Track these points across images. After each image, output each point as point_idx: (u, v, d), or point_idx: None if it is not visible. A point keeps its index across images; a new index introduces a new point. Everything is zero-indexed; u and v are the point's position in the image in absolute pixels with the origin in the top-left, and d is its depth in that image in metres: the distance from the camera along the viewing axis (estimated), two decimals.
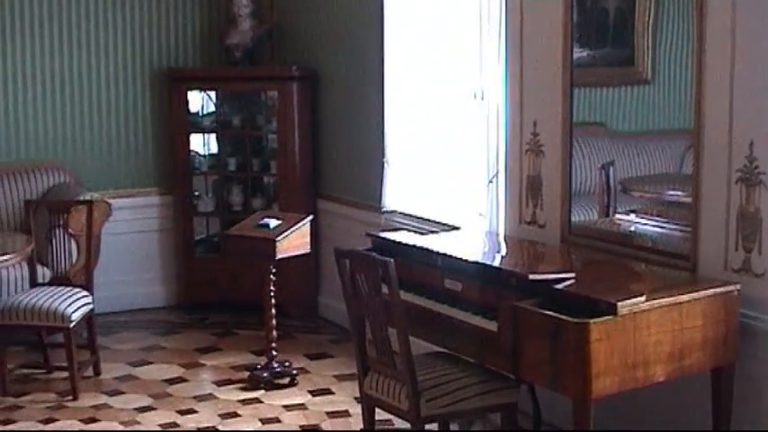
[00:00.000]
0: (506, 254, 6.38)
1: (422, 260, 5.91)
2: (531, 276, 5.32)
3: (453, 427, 6.17)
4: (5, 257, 6.97)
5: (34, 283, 7.67)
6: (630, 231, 6.07)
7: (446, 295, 5.66)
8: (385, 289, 5.27)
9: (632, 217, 6.11)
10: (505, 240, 6.60)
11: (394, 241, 6.23)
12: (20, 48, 8.80)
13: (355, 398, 6.83)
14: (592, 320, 4.82)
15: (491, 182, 6.88)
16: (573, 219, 6.26)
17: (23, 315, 7.15)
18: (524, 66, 6.45)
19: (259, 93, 9.19)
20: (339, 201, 8.65)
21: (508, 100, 6.60)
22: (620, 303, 4.88)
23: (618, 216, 6.21)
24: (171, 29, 9.27)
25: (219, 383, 7.48)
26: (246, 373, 7.50)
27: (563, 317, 4.87)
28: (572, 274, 5.31)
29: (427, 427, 5.48)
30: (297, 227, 7.28)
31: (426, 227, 7.41)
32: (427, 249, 5.96)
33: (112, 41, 9.08)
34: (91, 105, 9.06)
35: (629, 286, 5.35)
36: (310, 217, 7.51)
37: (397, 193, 7.95)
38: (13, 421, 6.83)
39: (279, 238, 7.13)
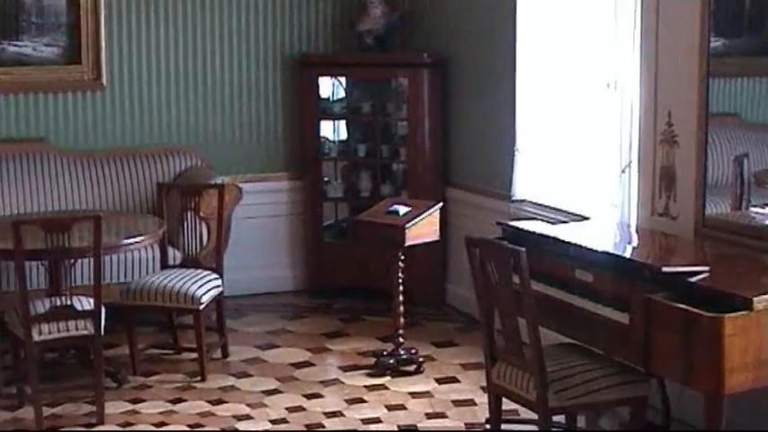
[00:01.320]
0: (638, 245, 6.29)
1: (553, 250, 5.85)
2: (665, 269, 5.23)
3: (580, 419, 6.09)
4: (138, 239, 7.08)
5: (165, 265, 7.79)
6: (766, 225, 5.93)
7: (577, 286, 5.60)
8: (515, 278, 5.24)
9: (767, 210, 5.98)
10: (637, 232, 6.50)
11: (525, 230, 6.18)
12: (154, 33, 8.93)
13: (481, 387, 6.80)
14: (727, 315, 4.73)
15: (623, 172, 6.78)
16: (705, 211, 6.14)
17: (154, 296, 7.25)
18: (659, 55, 6.33)
19: (389, 79, 9.17)
20: (468, 188, 8.60)
21: (642, 89, 6.49)
22: (755, 298, 4.79)
23: (753, 209, 6.07)
24: (303, 15, 9.31)
25: (346, 369, 7.50)
26: (373, 360, 7.51)
27: (697, 311, 4.78)
28: (706, 268, 5.21)
29: (554, 419, 5.44)
30: (426, 214, 7.26)
31: (556, 216, 7.33)
32: (558, 239, 5.90)
33: (245, 27, 9.15)
34: (223, 90, 9.14)
35: (765, 281, 5.23)
36: (440, 204, 7.48)
37: (527, 182, 7.88)
38: (142, 401, 6.94)
39: (408, 224, 7.12)
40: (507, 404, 5.77)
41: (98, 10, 8.70)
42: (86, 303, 6.66)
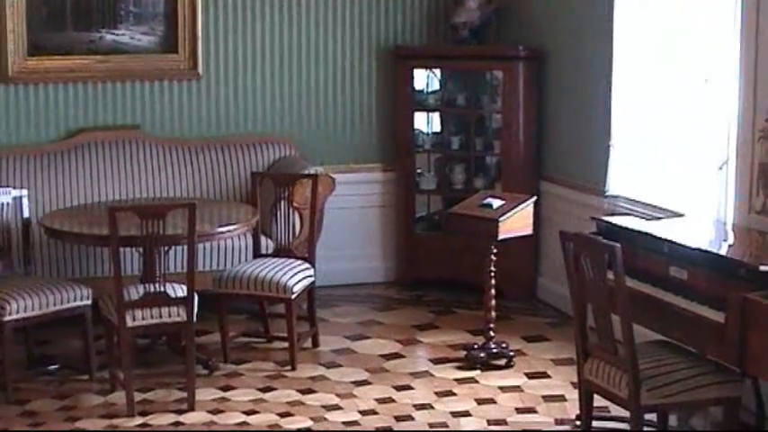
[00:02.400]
0: (734, 243, 6.20)
1: (647, 246, 5.79)
2: (762, 267, 5.15)
3: (672, 418, 6.03)
4: (231, 228, 7.12)
5: (258, 254, 7.83)
6: None
7: (671, 283, 5.54)
8: (610, 274, 5.19)
9: None
10: (733, 229, 6.40)
11: (619, 226, 6.12)
12: (250, 24, 8.98)
13: (572, 383, 6.77)
14: None
15: (720, 169, 6.68)
16: None
17: (246, 285, 7.30)
18: (759, 50, 6.22)
19: (484, 72, 9.14)
20: (562, 183, 8.53)
21: (741, 85, 6.37)
22: None
23: None
24: (399, 7, 9.30)
25: (436, 361, 7.48)
26: (463, 353, 7.48)
27: None
28: None
29: (646, 416, 5.39)
30: (519, 208, 7.22)
31: (650, 212, 7.24)
32: (653, 235, 5.83)
33: (341, 18, 9.17)
34: (318, 81, 9.17)
35: None
36: (533, 198, 7.43)
37: (622, 178, 7.80)
38: (233, 388, 6.98)
39: (501, 218, 7.09)
40: (598, 401, 5.73)
41: (195, 1, 8.77)
42: (180, 290, 6.72)
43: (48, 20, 8.61)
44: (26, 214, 7.44)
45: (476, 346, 7.44)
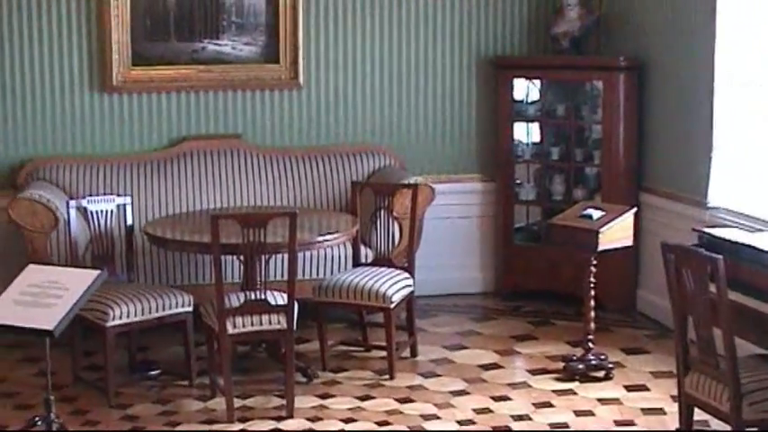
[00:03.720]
0: None
1: (750, 259, 5.70)
2: None
3: None
4: (331, 237, 7.15)
5: (357, 263, 7.87)
6: None
7: None
8: (712, 287, 5.13)
9: None
10: None
11: (721, 238, 6.03)
12: (351, 34, 9.03)
13: (671, 396, 6.70)
14: None
15: None
16: None
17: (346, 293, 7.33)
18: None
19: (584, 82, 9.08)
20: (662, 194, 8.44)
21: None
22: None
23: None
24: (499, 17, 9.29)
25: (534, 372, 7.45)
26: (561, 364, 7.44)
27: None
28: None
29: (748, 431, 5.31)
30: (620, 219, 7.17)
31: (753, 225, 7.15)
32: (756, 248, 5.74)
33: (441, 28, 9.19)
34: (417, 90, 9.20)
35: None
36: (634, 209, 7.37)
37: (724, 189, 7.70)
38: (331, 396, 7.02)
39: (602, 229, 7.04)
40: (698, 415, 5.68)
41: (296, 10, 8.85)
42: (280, 298, 6.78)
43: (151, 30, 8.75)
44: (129, 222, 7.55)
45: (574, 358, 7.39)
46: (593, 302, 7.28)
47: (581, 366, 7.30)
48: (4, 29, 8.54)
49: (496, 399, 6.97)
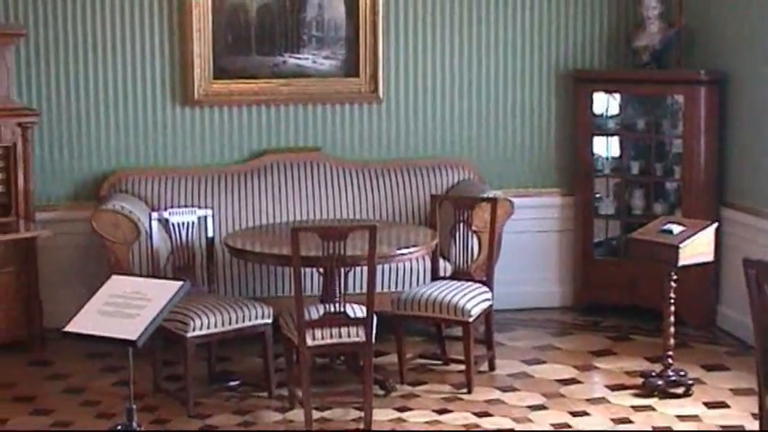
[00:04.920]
0: None
1: None
2: None
3: None
4: (411, 250, 7.16)
5: (436, 277, 7.88)
6: None
7: None
8: None
9: None
10: None
11: None
12: (431, 48, 9.07)
13: (752, 414, 6.63)
14: None
15: None
16: None
17: (424, 307, 7.34)
18: None
19: (665, 96, 9.02)
20: (744, 209, 8.36)
21: None
22: None
23: None
24: (578, 30, 9.27)
25: (612, 388, 7.41)
26: (640, 380, 7.39)
27: None
28: None
29: None
30: (700, 234, 7.11)
31: None
32: None
33: (520, 41, 9.19)
34: (497, 104, 9.20)
35: None
36: (715, 224, 7.31)
37: None
38: (409, 409, 7.02)
39: (682, 244, 6.99)
40: None
41: (377, 25, 8.90)
42: (359, 311, 6.80)
43: (233, 44, 8.84)
44: (210, 233, 7.63)
45: (653, 374, 7.34)
46: (672, 318, 7.23)
47: (660, 382, 7.25)
48: (89, 43, 8.67)
49: (575, 414, 6.94)
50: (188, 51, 8.72)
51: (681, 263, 7.03)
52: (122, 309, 5.39)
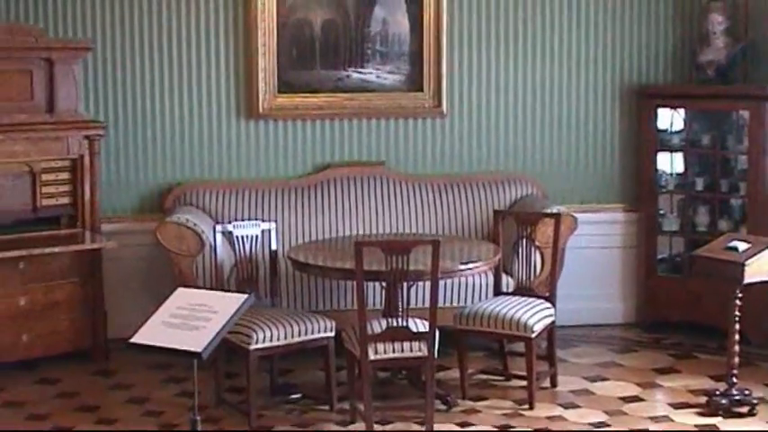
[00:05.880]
0: None
1: None
2: None
3: None
4: (473, 265, 7.14)
5: (498, 292, 7.87)
6: None
7: None
8: None
9: None
10: None
11: None
12: (494, 63, 9.07)
13: None
14: None
15: None
16: None
17: (487, 322, 7.32)
18: None
19: (730, 112, 8.96)
20: None
21: None
22: None
23: None
24: (642, 45, 9.23)
25: (676, 406, 7.35)
26: (704, 398, 7.33)
27: None
28: None
29: None
30: (767, 251, 7.05)
31: None
32: None
33: (584, 56, 9.17)
34: (560, 119, 9.18)
35: None
36: None
37: None
38: (470, 424, 7.01)
39: (748, 261, 6.93)
40: None
41: (440, 39, 8.92)
42: (421, 326, 6.80)
43: (297, 59, 8.89)
44: (274, 247, 7.66)
45: (717, 392, 7.27)
46: (737, 336, 7.17)
47: (724, 401, 7.18)
48: (155, 56, 8.76)
49: None
50: (253, 65, 8.78)
51: (746, 280, 6.97)
52: (188, 321, 5.44)
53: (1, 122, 7.95)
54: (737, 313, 7.11)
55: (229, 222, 7.82)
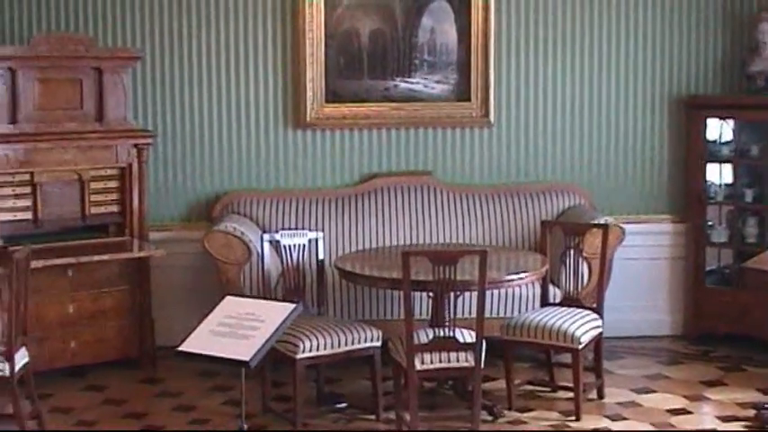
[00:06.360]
0: None
1: None
2: None
3: None
4: (521, 275, 7.13)
5: (545, 303, 7.84)
6: None
7: None
8: None
9: None
10: None
11: None
12: (542, 73, 9.06)
13: None
14: None
15: None
16: None
17: (534, 333, 7.30)
18: None
19: None
20: None
21: None
22: None
23: None
24: (692, 55, 9.18)
25: (724, 419, 7.29)
26: (752, 412, 7.27)
27: None
28: None
29: None
30: None
31: None
32: None
33: (633, 66, 9.13)
34: (608, 129, 9.15)
35: None
36: None
37: None
38: None
39: None
40: None
41: (488, 49, 8.91)
42: (468, 336, 6.79)
43: (345, 68, 8.92)
44: (321, 256, 7.67)
45: (766, 406, 7.21)
46: None
47: None
48: (203, 66, 8.81)
49: None
50: (301, 75, 8.82)
51: None
52: (236, 329, 5.46)
53: (51, 131, 8.03)
54: None
55: (276, 231, 7.83)
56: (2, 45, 8.50)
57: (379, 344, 7.18)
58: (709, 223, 9.05)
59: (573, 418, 7.23)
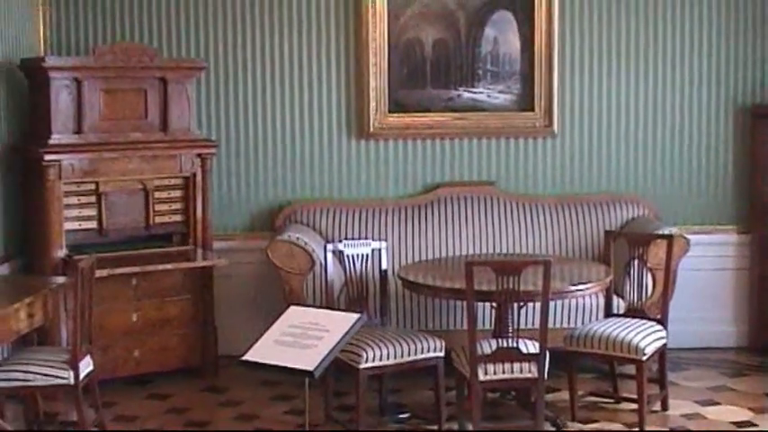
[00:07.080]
0: None
1: None
2: None
3: None
4: (585, 286, 7.08)
5: (609, 313, 7.79)
6: None
7: None
8: None
9: None
10: None
11: None
12: (606, 83, 9.03)
13: None
14: None
15: None
16: None
17: (597, 344, 7.25)
18: None
19: None
20: None
21: None
22: None
23: None
24: (757, 65, 9.10)
25: None
26: None
27: None
28: None
29: None
30: None
31: None
32: None
33: (697, 76, 9.07)
34: (673, 139, 9.09)
35: None
36: None
37: None
38: None
39: None
40: None
41: (551, 58, 8.89)
42: (531, 347, 6.76)
43: (408, 78, 8.94)
44: (384, 266, 7.67)
45: None
46: None
47: None
48: (267, 76, 8.86)
49: None
50: (364, 85, 8.84)
51: None
52: (300, 339, 5.48)
53: (116, 140, 8.10)
54: None
55: (339, 241, 7.85)
56: (67, 56, 8.59)
57: (442, 354, 7.16)
58: None
59: (637, 429, 7.17)
